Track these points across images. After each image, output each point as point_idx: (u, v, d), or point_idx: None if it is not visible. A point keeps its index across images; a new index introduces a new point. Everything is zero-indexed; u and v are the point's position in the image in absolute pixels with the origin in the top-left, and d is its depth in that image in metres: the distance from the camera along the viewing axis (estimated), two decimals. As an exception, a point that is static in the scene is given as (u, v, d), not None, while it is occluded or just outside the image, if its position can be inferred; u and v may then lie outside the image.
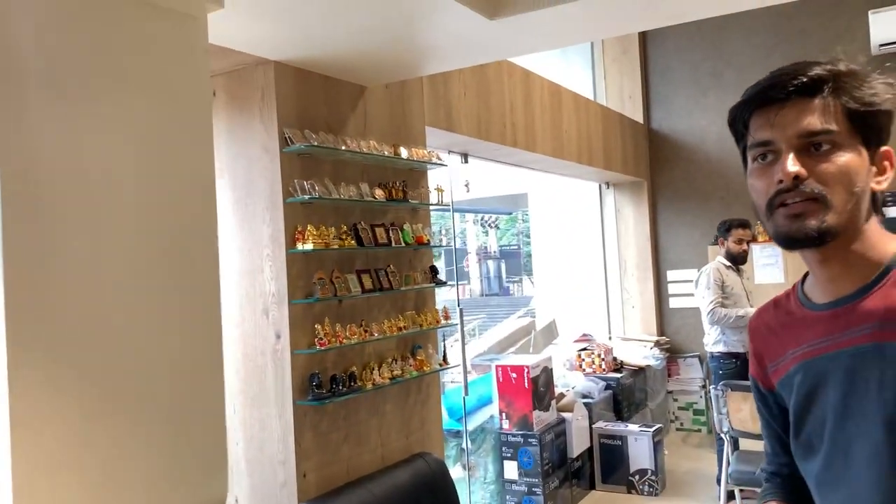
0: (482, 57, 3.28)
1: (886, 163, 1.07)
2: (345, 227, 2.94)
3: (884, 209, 5.08)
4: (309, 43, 2.65)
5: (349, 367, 2.97)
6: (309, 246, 2.73)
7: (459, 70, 3.97)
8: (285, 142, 2.77)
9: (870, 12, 5.67)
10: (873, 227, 1.07)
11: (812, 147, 1.03)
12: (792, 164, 1.02)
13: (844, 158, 1.02)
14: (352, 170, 3.09)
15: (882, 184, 1.07)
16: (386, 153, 3.13)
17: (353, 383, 2.92)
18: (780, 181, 1.02)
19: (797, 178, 1.01)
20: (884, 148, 1.07)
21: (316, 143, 2.79)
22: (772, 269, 6.14)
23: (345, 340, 2.86)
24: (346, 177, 3.03)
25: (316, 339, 2.78)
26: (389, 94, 3.38)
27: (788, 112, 1.03)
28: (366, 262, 3.12)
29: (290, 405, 2.76)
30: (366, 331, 2.99)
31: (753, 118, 1.07)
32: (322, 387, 2.80)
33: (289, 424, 2.76)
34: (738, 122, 1.11)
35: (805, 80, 1.03)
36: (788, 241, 1.05)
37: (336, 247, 2.84)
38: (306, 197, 2.75)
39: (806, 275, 1.18)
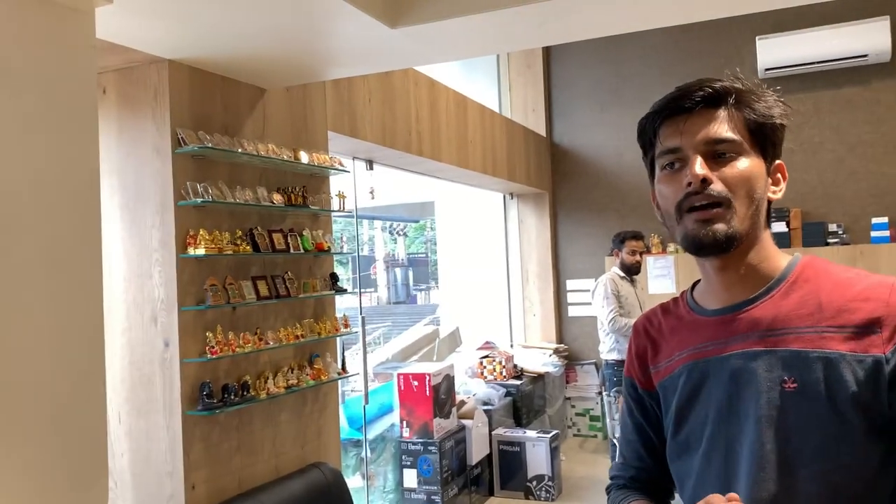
0: (385, 65, 3.28)
1: (779, 175, 1.15)
2: (240, 233, 2.87)
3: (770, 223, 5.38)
4: (205, 43, 2.58)
5: (242, 376, 2.89)
6: (201, 251, 2.66)
7: (364, 76, 3.95)
8: (178, 143, 2.68)
9: (757, 38, 6.02)
10: (767, 239, 1.14)
11: (717, 154, 1.09)
12: (700, 168, 1.07)
13: (746, 165, 1.09)
14: (249, 173, 3.02)
15: (777, 194, 1.15)
16: (285, 157, 3.08)
17: (246, 392, 2.85)
18: (689, 184, 1.08)
19: (704, 181, 1.07)
20: (778, 161, 1.15)
21: (210, 145, 2.71)
22: (664, 279, 6.39)
23: (238, 349, 2.79)
24: (242, 181, 2.96)
25: (207, 348, 2.70)
26: (290, 97, 3.33)
27: (696, 120, 1.09)
28: (262, 268, 3.06)
29: (179, 415, 2.66)
30: (261, 339, 2.93)
31: (663, 127, 1.13)
32: (213, 396, 2.72)
33: (177, 435, 2.67)
34: (648, 131, 1.16)
35: (711, 91, 1.09)
36: (697, 246, 1.09)
37: (230, 252, 2.77)
38: (199, 200, 2.67)
39: (695, 283, 1.24)
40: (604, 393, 4.72)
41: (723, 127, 1.08)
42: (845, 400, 1.01)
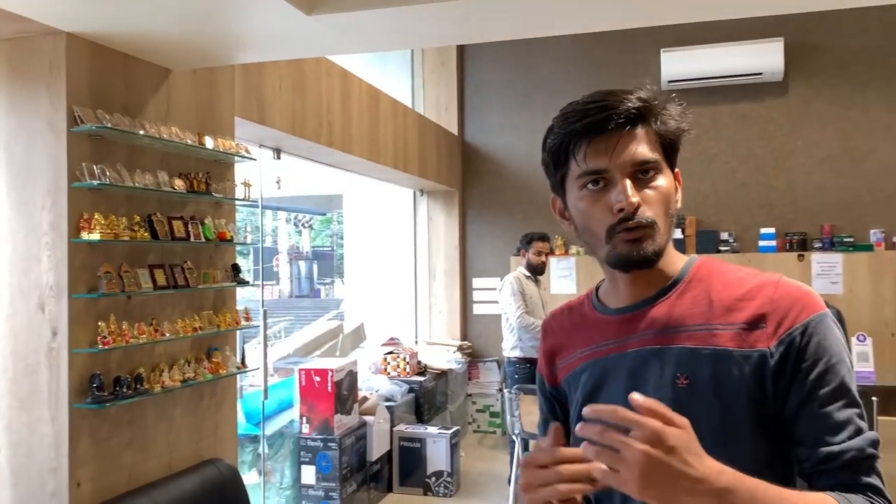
0: (299, 52, 3.21)
1: (677, 182, 1.17)
2: (138, 218, 2.74)
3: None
4: (106, 17, 2.44)
5: (136, 368, 2.77)
6: (95, 236, 2.52)
7: (275, 63, 3.85)
8: (74, 121, 2.53)
9: (661, 50, 6.25)
10: (670, 243, 1.18)
11: (639, 173, 1.10)
12: (633, 195, 1.07)
13: (664, 184, 1.11)
14: (150, 157, 2.89)
15: (679, 201, 1.17)
16: (189, 142, 2.96)
17: (139, 385, 2.72)
18: (621, 210, 1.08)
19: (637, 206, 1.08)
20: (676, 169, 1.17)
21: (110, 125, 2.58)
22: (566, 280, 6.56)
23: (132, 340, 2.66)
24: (142, 164, 2.83)
25: (99, 338, 2.56)
26: (197, 79, 3.20)
27: (621, 142, 1.08)
28: (160, 256, 2.93)
29: (66, 408, 2.52)
30: (156, 330, 2.81)
31: (584, 147, 1.10)
32: (104, 389, 2.58)
33: (63, 429, 2.53)
34: (564, 149, 1.13)
35: (633, 111, 1.08)
36: (627, 264, 1.11)
37: (127, 238, 2.64)
38: (95, 182, 2.53)
39: (601, 282, 1.26)
40: (505, 390, 4.80)
41: (645, 147, 1.09)
42: (734, 394, 1.06)
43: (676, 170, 1.17)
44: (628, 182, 1.07)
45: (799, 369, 1.05)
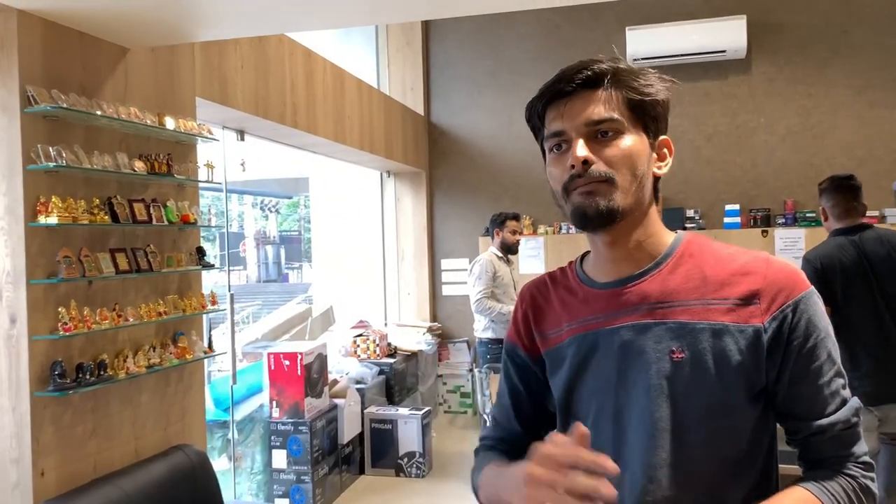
0: (259, 28, 3.15)
1: (665, 150, 1.19)
2: (97, 201, 2.67)
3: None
4: (59, -8, 2.36)
5: (99, 354, 2.71)
6: (53, 220, 2.45)
7: (236, 41, 3.77)
8: (28, 101, 2.45)
9: (626, 28, 6.25)
10: (654, 215, 1.18)
11: (599, 134, 1.11)
12: (581, 150, 1.09)
13: (628, 143, 1.11)
14: (108, 138, 2.81)
15: (662, 169, 1.18)
16: (149, 122, 2.89)
17: (102, 372, 2.67)
18: (573, 166, 1.10)
19: (586, 162, 1.09)
20: (662, 137, 1.18)
21: (65, 106, 2.50)
22: (534, 260, 6.57)
23: (94, 326, 2.60)
24: (101, 145, 2.76)
25: (60, 324, 2.50)
26: (156, 58, 3.12)
27: (576, 103, 1.11)
28: (122, 240, 2.86)
29: (27, 397, 2.46)
30: (119, 315, 2.75)
31: (547, 112, 1.15)
32: (66, 376, 2.52)
33: (24, 418, 2.47)
34: (534, 116, 1.18)
35: (589, 73, 1.11)
36: (583, 220, 1.11)
37: (86, 222, 2.57)
38: (51, 164, 2.45)
39: (584, 256, 1.26)
40: (475, 370, 4.80)
41: (602, 108, 1.10)
42: (729, 368, 1.08)
43: (663, 138, 1.18)
44: (581, 141, 1.10)
45: (791, 344, 1.08)
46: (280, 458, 4.45)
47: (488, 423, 1.39)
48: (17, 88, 2.44)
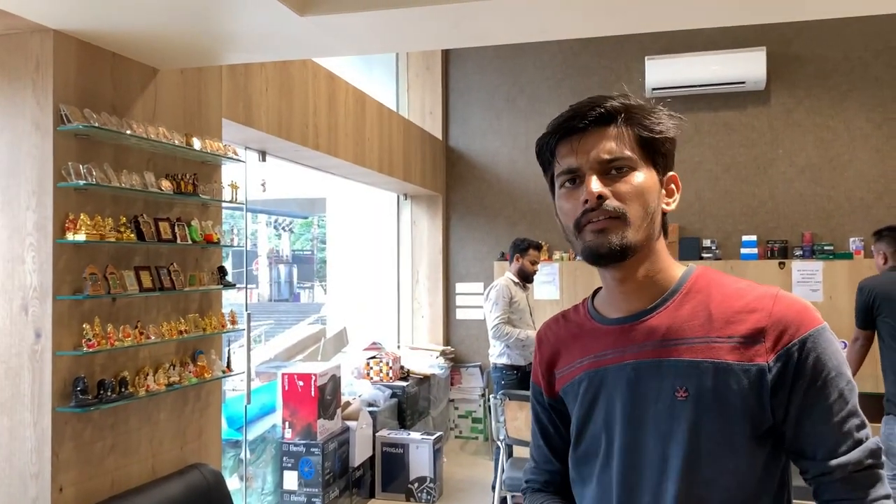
0: (290, 53, 3.19)
1: (673, 186, 1.20)
2: (124, 219, 2.70)
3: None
4: (94, 14, 2.40)
5: (120, 371, 2.72)
6: (81, 237, 2.48)
7: (262, 64, 3.83)
8: (61, 119, 2.49)
9: (646, 58, 6.29)
10: (662, 249, 1.18)
11: (612, 170, 1.12)
12: (595, 185, 1.10)
13: (640, 179, 1.12)
14: (136, 157, 2.85)
15: (671, 205, 1.19)
16: (176, 142, 2.93)
17: (123, 389, 2.68)
18: (586, 201, 1.11)
19: (600, 197, 1.10)
20: (671, 173, 1.19)
21: (97, 125, 2.53)
22: (549, 286, 6.56)
23: (117, 343, 2.62)
24: (129, 164, 2.79)
25: (83, 340, 2.52)
26: (184, 80, 3.17)
27: (588, 140, 1.12)
28: (146, 258, 2.89)
29: (49, 412, 2.47)
30: (141, 333, 2.77)
31: (559, 147, 1.16)
32: (88, 392, 2.54)
33: (46, 433, 2.48)
34: (545, 151, 1.19)
35: (602, 110, 1.12)
36: (594, 257, 1.12)
37: (113, 240, 2.60)
38: (81, 182, 2.49)
39: (596, 292, 1.26)
40: (491, 396, 4.78)
41: (614, 144, 1.12)
42: (733, 408, 1.06)
43: (671, 174, 1.19)
44: (594, 176, 1.11)
45: (797, 384, 1.06)
46: (291, 480, 4.43)
47: (528, 463, 1.40)
48: (51, 107, 2.48)
